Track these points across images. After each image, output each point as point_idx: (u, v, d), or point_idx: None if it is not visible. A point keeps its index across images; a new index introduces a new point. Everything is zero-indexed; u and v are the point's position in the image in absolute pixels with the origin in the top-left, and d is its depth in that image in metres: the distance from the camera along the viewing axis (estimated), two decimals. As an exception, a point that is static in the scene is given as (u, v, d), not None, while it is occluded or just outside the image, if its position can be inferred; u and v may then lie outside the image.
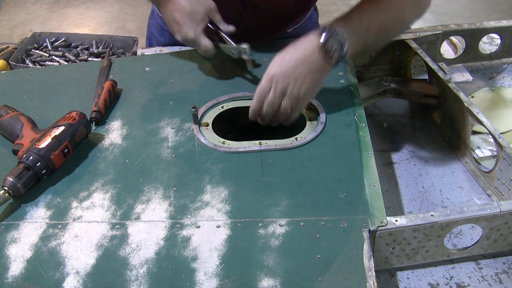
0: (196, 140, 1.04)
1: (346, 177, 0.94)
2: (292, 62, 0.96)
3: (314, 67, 0.97)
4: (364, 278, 0.78)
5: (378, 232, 0.86)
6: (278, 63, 0.98)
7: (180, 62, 1.28)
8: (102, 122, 1.10)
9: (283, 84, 0.97)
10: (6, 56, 1.47)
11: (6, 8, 4.26)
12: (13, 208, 0.92)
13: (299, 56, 0.96)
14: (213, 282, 0.79)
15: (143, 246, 0.85)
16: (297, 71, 0.96)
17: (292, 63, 0.96)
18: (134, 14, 4.19)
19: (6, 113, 1.06)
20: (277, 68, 0.97)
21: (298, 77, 0.97)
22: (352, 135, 1.03)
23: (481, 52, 1.48)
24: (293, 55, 0.97)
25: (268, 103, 1.00)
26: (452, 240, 1.00)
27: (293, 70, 0.96)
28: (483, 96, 1.39)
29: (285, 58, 0.97)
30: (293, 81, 0.97)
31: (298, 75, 0.97)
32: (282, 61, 0.97)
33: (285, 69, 0.96)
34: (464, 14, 3.98)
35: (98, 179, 0.97)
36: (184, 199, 0.92)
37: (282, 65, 0.97)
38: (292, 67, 0.96)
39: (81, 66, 1.30)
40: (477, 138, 1.22)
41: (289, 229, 0.86)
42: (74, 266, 0.82)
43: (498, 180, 1.06)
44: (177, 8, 1.10)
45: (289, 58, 0.97)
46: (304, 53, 0.96)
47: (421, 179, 1.14)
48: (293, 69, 0.96)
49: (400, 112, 1.35)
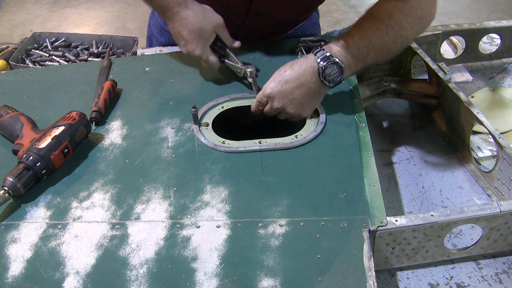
0: (196, 140, 1.04)
1: (346, 177, 0.94)
2: (289, 84, 0.99)
3: (311, 91, 1.00)
4: (364, 278, 0.78)
5: (378, 232, 0.86)
6: (276, 82, 1.00)
7: (180, 62, 1.28)
8: (102, 122, 1.10)
9: (278, 105, 1.02)
10: (6, 56, 1.47)
11: (6, 8, 4.26)
12: (13, 208, 0.92)
13: (297, 80, 0.99)
14: (213, 282, 0.79)
15: (143, 246, 0.85)
16: (294, 94, 1.00)
17: (289, 86, 0.99)
18: (134, 14, 4.19)
19: (6, 113, 1.06)
20: (274, 88, 1.00)
21: (293, 100, 1.01)
22: (352, 135, 1.03)
23: (481, 52, 1.48)
24: (291, 77, 0.99)
25: (265, 112, 1.06)
26: (452, 240, 1.00)
27: (290, 92, 1.00)
28: (483, 96, 1.39)
29: (282, 79, 0.99)
30: (289, 102, 1.01)
31: (294, 98, 1.00)
32: (279, 81, 0.99)
33: (282, 90, 1.00)
34: (464, 14, 3.98)
35: (98, 179, 0.97)
36: (184, 199, 0.92)
37: (279, 86, 1.00)
38: (289, 90, 1.00)
39: (81, 66, 1.30)
40: (477, 138, 1.22)
41: (289, 229, 0.86)
42: (74, 266, 0.82)
43: (498, 180, 1.06)
44: (185, 25, 1.09)
45: (286, 79, 0.99)
46: (302, 77, 0.99)
47: (421, 179, 1.14)
48: (290, 91, 1.00)
49: (400, 112, 1.35)
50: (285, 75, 1.00)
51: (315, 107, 1.07)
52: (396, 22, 0.99)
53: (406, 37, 1.02)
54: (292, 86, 0.99)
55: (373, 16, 1.01)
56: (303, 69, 0.99)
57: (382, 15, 0.99)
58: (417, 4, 0.99)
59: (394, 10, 0.99)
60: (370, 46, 0.99)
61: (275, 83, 1.00)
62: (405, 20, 1.00)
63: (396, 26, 0.99)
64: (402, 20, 0.99)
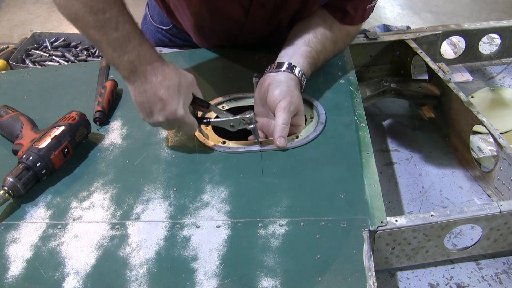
0: (196, 140, 1.04)
1: (346, 177, 0.94)
2: (297, 96, 1.05)
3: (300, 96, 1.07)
4: (364, 278, 0.78)
5: (378, 232, 0.86)
6: (289, 98, 1.02)
7: (180, 62, 1.28)
8: (106, 122, 1.10)
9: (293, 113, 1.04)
10: (6, 56, 1.47)
11: (6, 8, 4.26)
12: (13, 208, 0.92)
13: (298, 92, 1.06)
14: (213, 282, 0.79)
15: (143, 246, 0.85)
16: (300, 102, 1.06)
17: (298, 97, 1.05)
18: (134, 14, 4.18)
19: (6, 113, 1.06)
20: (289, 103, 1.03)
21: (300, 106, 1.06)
22: (352, 135, 1.03)
23: (481, 52, 1.48)
24: (296, 91, 1.04)
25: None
26: (452, 240, 1.00)
27: (300, 102, 1.06)
28: (483, 96, 1.39)
29: (293, 94, 1.03)
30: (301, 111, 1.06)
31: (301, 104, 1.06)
32: (291, 97, 1.03)
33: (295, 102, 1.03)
34: (464, 14, 3.98)
35: (98, 179, 0.97)
36: (184, 199, 0.92)
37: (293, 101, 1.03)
38: (299, 100, 1.05)
39: (81, 66, 1.30)
40: (477, 138, 1.22)
41: (289, 229, 0.86)
42: (74, 266, 0.82)
43: (498, 180, 1.06)
44: (161, 81, 0.91)
45: (297, 93, 1.04)
46: (297, 88, 1.06)
47: (421, 179, 1.14)
48: (299, 101, 1.05)
49: (400, 112, 1.35)
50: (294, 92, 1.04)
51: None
52: (331, 39, 1.16)
53: (339, 49, 1.20)
54: (299, 96, 1.06)
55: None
56: (294, 83, 1.05)
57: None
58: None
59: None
60: (317, 57, 1.13)
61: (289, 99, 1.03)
62: (338, 38, 1.18)
63: (332, 42, 1.17)
64: (335, 38, 1.17)
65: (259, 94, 1.07)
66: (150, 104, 0.93)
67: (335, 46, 1.18)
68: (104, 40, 0.90)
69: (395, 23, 3.29)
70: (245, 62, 1.25)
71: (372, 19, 3.47)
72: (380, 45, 1.39)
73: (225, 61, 1.26)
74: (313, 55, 1.11)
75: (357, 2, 1.15)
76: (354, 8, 1.15)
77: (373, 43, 1.39)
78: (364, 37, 1.39)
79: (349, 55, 1.26)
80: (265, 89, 1.04)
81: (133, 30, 0.92)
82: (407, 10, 3.99)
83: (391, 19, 3.76)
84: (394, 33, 1.41)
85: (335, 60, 1.22)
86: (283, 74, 1.06)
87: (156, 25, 1.44)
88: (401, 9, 3.99)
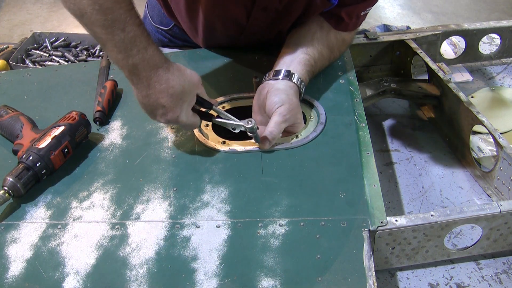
0: (196, 140, 1.04)
1: (346, 177, 0.94)
2: (296, 104, 1.05)
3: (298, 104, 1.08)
4: (364, 278, 0.78)
5: (378, 232, 0.86)
6: (287, 106, 1.03)
7: (180, 62, 1.27)
8: (106, 122, 1.10)
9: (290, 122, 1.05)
10: (6, 56, 1.47)
11: (6, 8, 4.26)
12: (13, 208, 0.92)
13: (297, 100, 1.06)
14: (213, 282, 0.79)
15: (143, 246, 0.85)
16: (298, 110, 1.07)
17: (296, 105, 1.05)
18: (134, 14, 4.18)
19: (6, 113, 1.06)
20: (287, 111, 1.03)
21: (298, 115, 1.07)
22: (352, 135, 1.03)
23: (481, 52, 1.49)
24: (295, 99, 1.05)
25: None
26: (452, 240, 1.00)
27: (298, 110, 1.06)
28: (483, 96, 1.39)
29: (292, 102, 1.03)
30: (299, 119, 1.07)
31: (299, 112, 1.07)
32: (290, 105, 1.03)
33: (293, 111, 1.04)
34: (464, 14, 3.97)
35: (98, 179, 0.97)
36: (184, 199, 0.92)
37: (291, 109, 1.03)
38: (297, 108, 1.06)
39: (81, 66, 1.30)
40: (477, 138, 1.22)
41: (289, 229, 0.86)
42: (74, 266, 0.82)
43: (498, 180, 1.06)
44: (164, 90, 0.91)
45: (296, 101, 1.05)
46: (296, 96, 1.06)
47: (421, 179, 1.14)
48: (298, 109, 1.06)
49: (400, 112, 1.35)
50: (293, 100, 1.04)
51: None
52: (327, 46, 1.18)
53: (334, 56, 1.22)
54: (298, 104, 1.06)
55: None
56: (293, 91, 1.05)
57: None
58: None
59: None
60: (315, 65, 1.15)
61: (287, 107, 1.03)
62: (333, 45, 1.19)
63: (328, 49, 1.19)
64: (331, 45, 1.19)
65: (257, 102, 1.06)
66: (152, 108, 0.93)
67: (331, 53, 1.19)
68: (109, 40, 0.88)
69: (395, 23, 3.28)
70: (245, 63, 1.25)
71: (372, 19, 3.47)
72: (380, 45, 1.39)
73: (225, 61, 1.26)
74: (311, 63, 1.12)
75: (351, 8, 1.15)
76: (349, 15, 1.16)
77: (373, 43, 1.39)
78: (364, 37, 1.39)
79: (349, 55, 1.26)
80: (264, 97, 1.04)
81: (140, 33, 0.90)
82: (407, 10, 3.99)
83: (391, 19, 3.76)
84: (394, 33, 1.41)
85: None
86: (282, 82, 1.05)
87: (156, 26, 1.44)
88: (401, 9, 3.99)
